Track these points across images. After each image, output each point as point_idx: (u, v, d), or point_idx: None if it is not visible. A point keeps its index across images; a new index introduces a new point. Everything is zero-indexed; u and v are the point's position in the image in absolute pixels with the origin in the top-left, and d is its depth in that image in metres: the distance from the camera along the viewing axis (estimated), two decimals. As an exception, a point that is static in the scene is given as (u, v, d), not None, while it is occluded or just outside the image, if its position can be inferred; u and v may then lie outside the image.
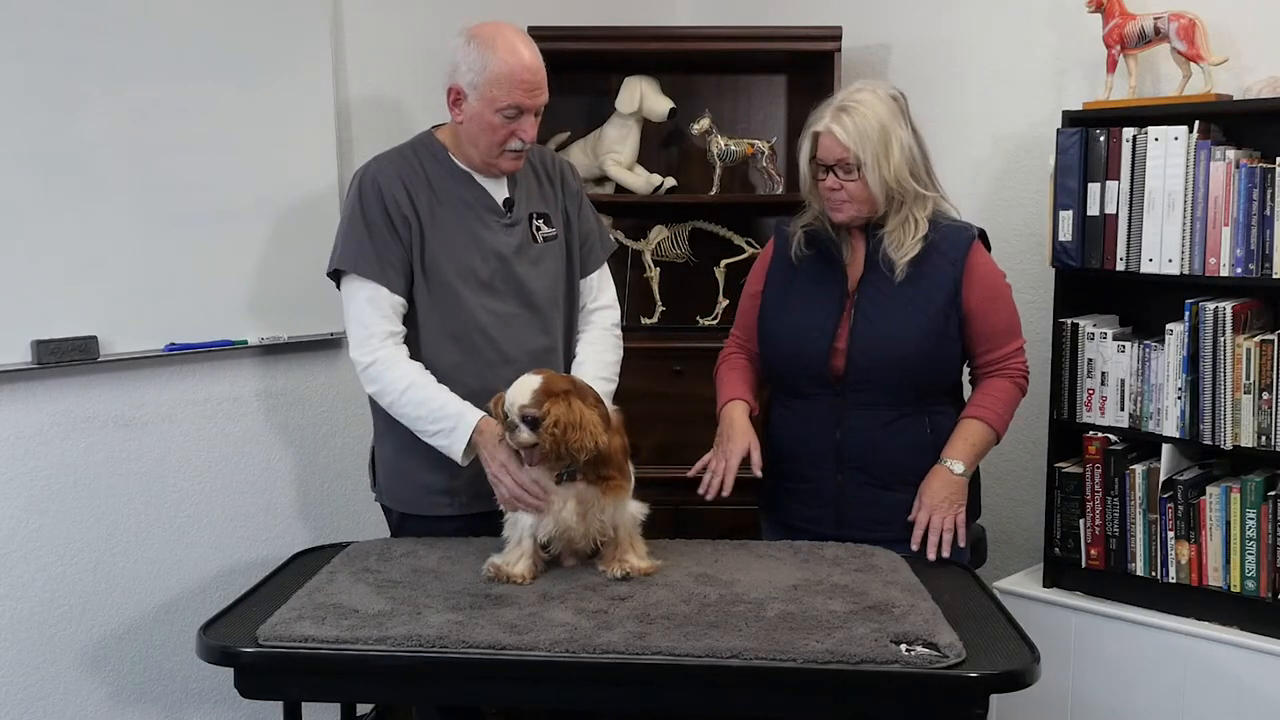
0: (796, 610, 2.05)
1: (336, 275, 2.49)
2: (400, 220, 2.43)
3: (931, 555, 2.37)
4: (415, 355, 2.45)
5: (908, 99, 2.48)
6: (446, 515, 2.51)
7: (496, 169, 2.48)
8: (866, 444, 2.46)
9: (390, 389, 2.40)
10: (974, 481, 2.58)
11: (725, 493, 2.46)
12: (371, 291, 2.42)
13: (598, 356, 2.56)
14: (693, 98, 3.58)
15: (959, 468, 2.40)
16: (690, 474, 2.51)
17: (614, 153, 3.50)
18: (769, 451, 2.52)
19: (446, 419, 2.36)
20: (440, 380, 2.42)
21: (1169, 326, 2.81)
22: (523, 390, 2.18)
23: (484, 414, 2.35)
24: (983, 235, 2.53)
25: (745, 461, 2.48)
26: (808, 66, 3.48)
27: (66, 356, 2.67)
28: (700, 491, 2.48)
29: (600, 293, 2.66)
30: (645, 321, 3.62)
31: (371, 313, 2.42)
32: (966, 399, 2.55)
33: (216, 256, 2.92)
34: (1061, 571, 3.02)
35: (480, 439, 2.33)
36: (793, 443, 2.55)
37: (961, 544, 2.40)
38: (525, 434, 2.16)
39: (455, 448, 2.37)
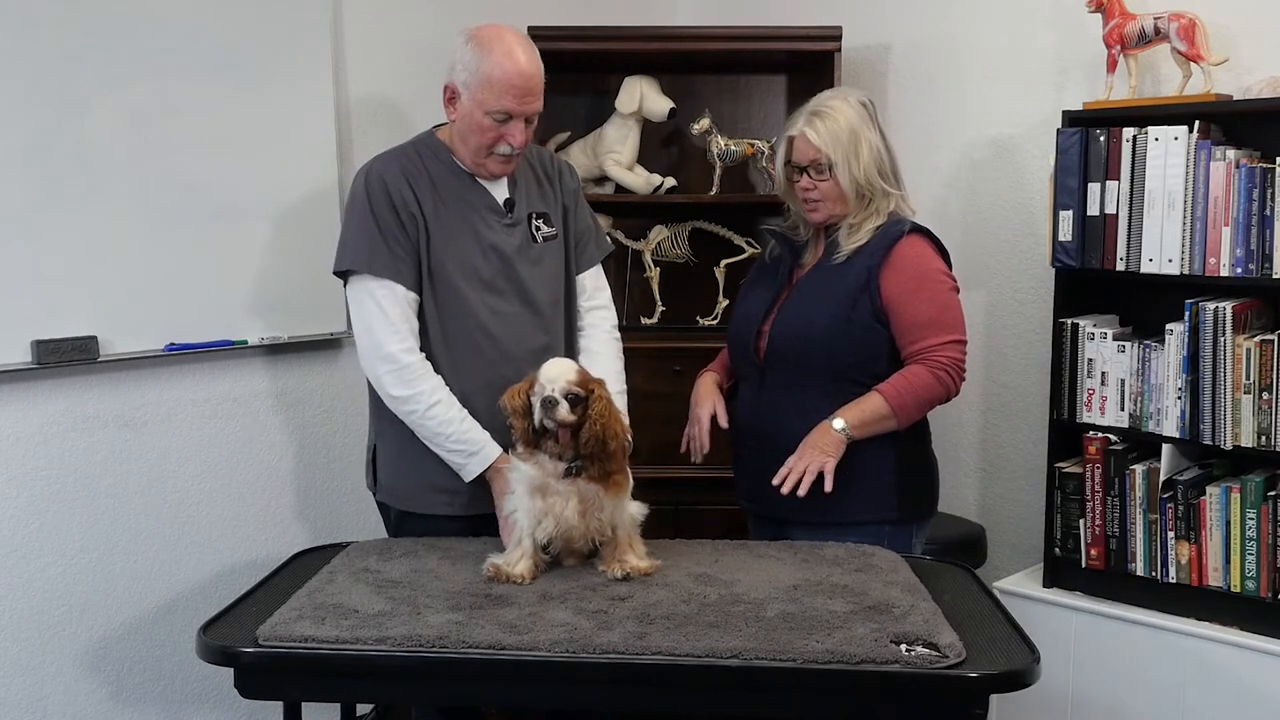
0: (796, 610, 2.05)
1: (344, 273, 2.49)
2: (407, 217, 2.44)
3: (785, 490, 2.40)
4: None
5: (877, 106, 2.63)
6: (446, 515, 2.51)
7: (484, 170, 2.49)
8: (783, 425, 2.51)
9: (419, 399, 2.40)
10: (923, 477, 2.63)
11: (703, 450, 2.63)
12: (388, 290, 2.42)
13: (608, 365, 2.57)
14: (693, 98, 3.58)
15: (839, 424, 2.43)
16: (683, 451, 2.67)
17: (614, 153, 3.50)
18: (731, 434, 2.68)
19: (469, 444, 2.41)
20: (439, 376, 2.44)
21: (1169, 326, 2.81)
22: (564, 369, 2.21)
23: (502, 450, 2.38)
24: (926, 233, 2.56)
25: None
26: (808, 66, 3.48)
27: (66, 356, 2.67)
28: (683, 450, 2.64)
29: (596, 293, 2.67)
30: (645, 321, 3.62)
31: (396, 312, 2.42)
32: None
33: (216, 256, 2.92)
34: (1061, 571, 3.02)
35: (496, 475, 2.39)
36: (737, 424, 2.65)
37: (827, 489, 2.39)
38: (565, 410, 2.16)
39: (470, 469, 2.42)
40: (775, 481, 2.42)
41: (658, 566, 2.26)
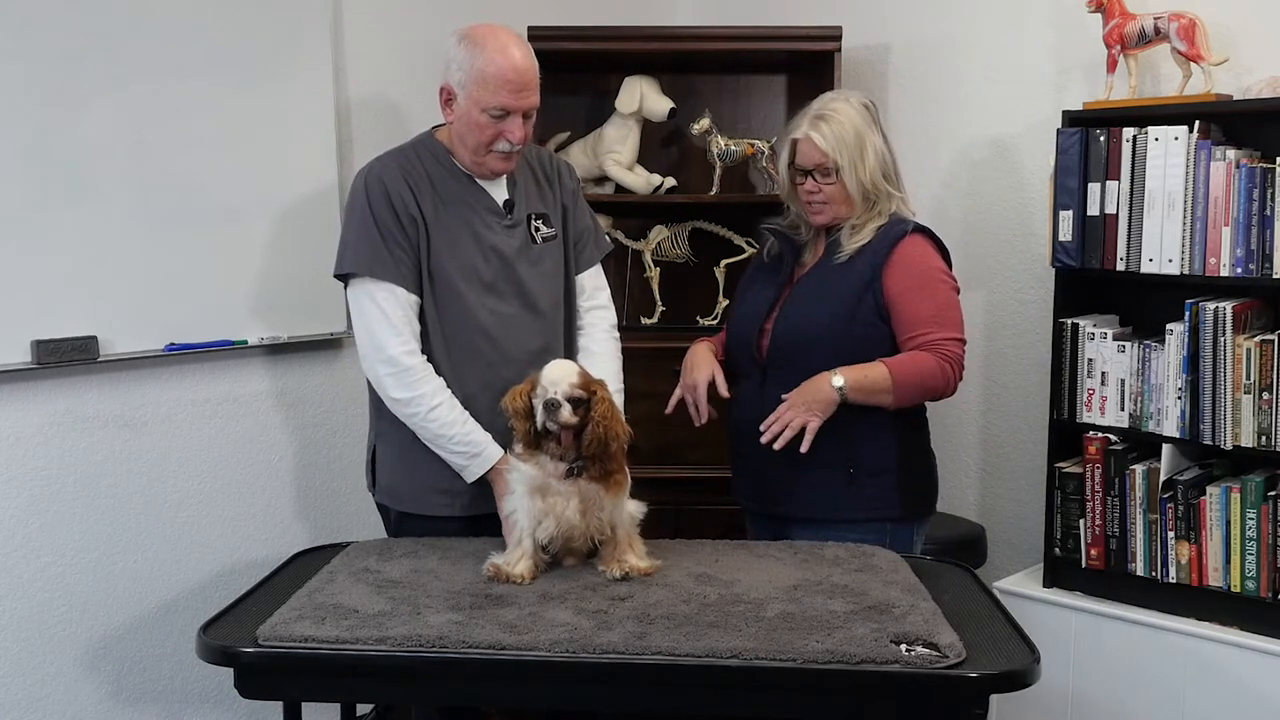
0: (796, 610, 2.05)
1: (344, 276, 2.48)
2: (408, 219, 2.43)
3: (764, 440, 2.41)
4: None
5: (877, 106, 2.62)
6: (445, 516, 2.51)
7: (485, 169, 2.48)
8: None
9: (421, 401, 2.40)
10: (924, 475, 2.63)
11: (703, 419, 2.59)
12: (389, 292, 2.42)
13: (607, 365, 2.57)
14: (693, 98, 3.58)
15: (838, 381, 2.42)
16: (668, 412, 2.63)
17: (614, 153, 3.50)
18: (731, 433, 2.65)
19: (471, 445, 2.41)
20: (440, 378, 2.44)
21: (1169, 326, 2.81)
22: (567, 371, 2.21)
23: (504, 451, 2.38)
24: (928, 233, 2.57)
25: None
26: (808, 66, 3.48)
27: (66, 356, 2.67)
28: (697, 424, 2.60)
29: (595, 293, 2.67)
30: (645, 321, 3.62)
31: (398, 314, 2.42)
32: None
33: (216, 256, 2.92)
34: (1061, 571, 3.02)
35: (498, 476, 2.39)
36: (735, 423, 2.64)
37: (803, 449, 2.40)
38: (567, 412, 2.17)
39: (472, 470, 2.42)
40: (764, 439, 2.41)
41: (658, 566, 2.26)
